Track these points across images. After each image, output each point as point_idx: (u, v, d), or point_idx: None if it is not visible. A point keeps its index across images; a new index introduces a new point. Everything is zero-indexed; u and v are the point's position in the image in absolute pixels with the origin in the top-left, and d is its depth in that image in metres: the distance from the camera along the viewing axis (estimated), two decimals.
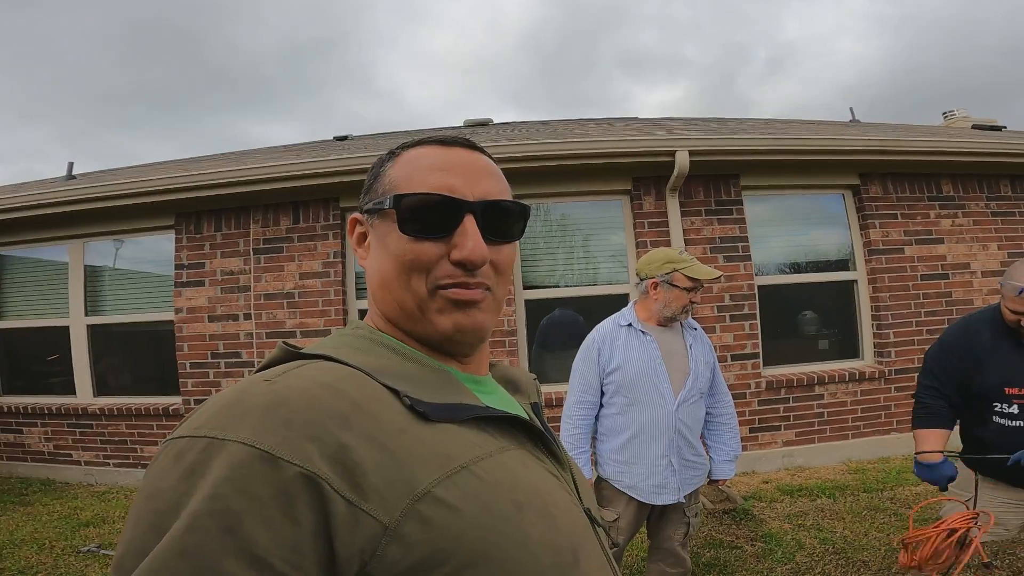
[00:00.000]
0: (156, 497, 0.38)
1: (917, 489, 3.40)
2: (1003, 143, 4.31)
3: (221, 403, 0.43)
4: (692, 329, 2.09)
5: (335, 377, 0.46)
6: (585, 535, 0.53)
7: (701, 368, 2.01)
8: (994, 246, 4.34)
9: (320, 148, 5.96)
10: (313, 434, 0.40)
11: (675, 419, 1.93)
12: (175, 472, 0.39)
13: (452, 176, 0.56)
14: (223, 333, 4.14)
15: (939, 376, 1.95)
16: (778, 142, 4.01)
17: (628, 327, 2.01)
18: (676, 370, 1.97)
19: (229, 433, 0.39)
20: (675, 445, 1.93)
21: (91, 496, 4.01)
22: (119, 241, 4.57)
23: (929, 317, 4.20)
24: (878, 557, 2.62)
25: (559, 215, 4.31)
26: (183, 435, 0.41)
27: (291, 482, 0.37)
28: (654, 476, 1.93)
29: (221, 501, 0.36)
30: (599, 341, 2.02)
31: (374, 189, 0.60)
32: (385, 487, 0.40)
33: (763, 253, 4.29)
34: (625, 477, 1.96)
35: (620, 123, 6.59)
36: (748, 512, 3.23)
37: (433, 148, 0.59)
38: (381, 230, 0.58)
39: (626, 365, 1.95)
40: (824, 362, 4.27)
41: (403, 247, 0.55)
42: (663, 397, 1.92)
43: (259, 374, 0.48)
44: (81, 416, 4.33)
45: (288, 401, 0.41)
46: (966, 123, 8.03)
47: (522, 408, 0.65)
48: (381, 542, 0.39)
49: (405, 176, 0.58)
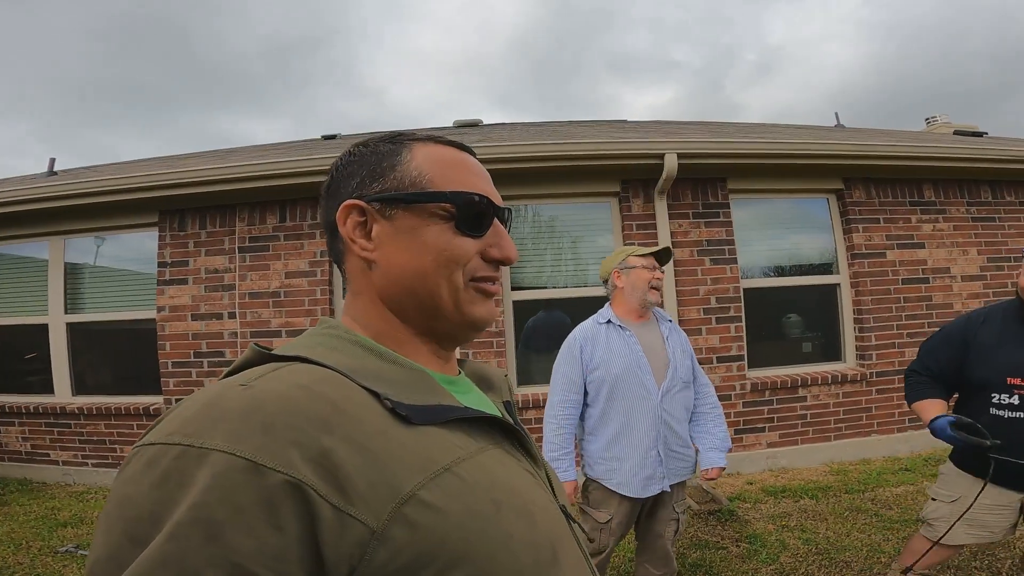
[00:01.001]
0: (128, 505, 0.38)
1: (897, 490, 3.45)
2: (983, 149, 4.38)
3: (194, 408, 0.41)
4: (667, 321, 2.16)
5: (312, 379, 0.45)
6: (562, 532, 0.54)
7: (679, 357, 2.06)
8: (974, 251, 4.42)
9: (309, 147, 5.91)
10: (294, 439, 0.39)
11: (660, 410, 1.97)
12: (148, 480, 0.38)
13: (482, 180, 0.61)
14: (206, 332, 4.08)
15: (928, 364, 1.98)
16: (765, 146, 4.05)
17: (608, 324, 2.05)
18: (657, 362, 2.02)
19: (205, 440, 0.38)
20: (661, 436, 1.97)
21: (69, 496, 3.94)
22: (100, 238, 4.50)
23: (910, 321, 4.27)
24: (860, 557, 2.65)
25: (548, 216, 4.31)
26: (155, 441, 0.40)
27: (275, 489, 0.37)
28: (643, 469, 1.95)
29: (203, 510, 0.35)
30: (581, 340, 2.05)
31: (390, 177, 0.58)
32: (370, 491, 0.40)
33: (749, 256, 4.32)
34: (615, 475, 1.97)
35: (609, 125, 6.62)
36: (733, 513, 3.26)
37: (451, 150, 0.62)
38: (408, 222, 0.57)
39: (610, 362, 1.98)
40: (807, 364, 4.32)
41: (450, 242, 0.57)
42: (647, 390, 1.96)
43: (232, 378, 0.46)
44: (59, 415, 4.25)
45: (265, 406, 0.40)
46: (948, 129, 8.18)
47: (496, 406, 0.66)
48: (369, 547, 0.38)
49: (440, 173, 0.58)
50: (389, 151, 0.60)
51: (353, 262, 0.59)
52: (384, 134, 0.63)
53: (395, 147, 0.60)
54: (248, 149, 6.74)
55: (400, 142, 0.61)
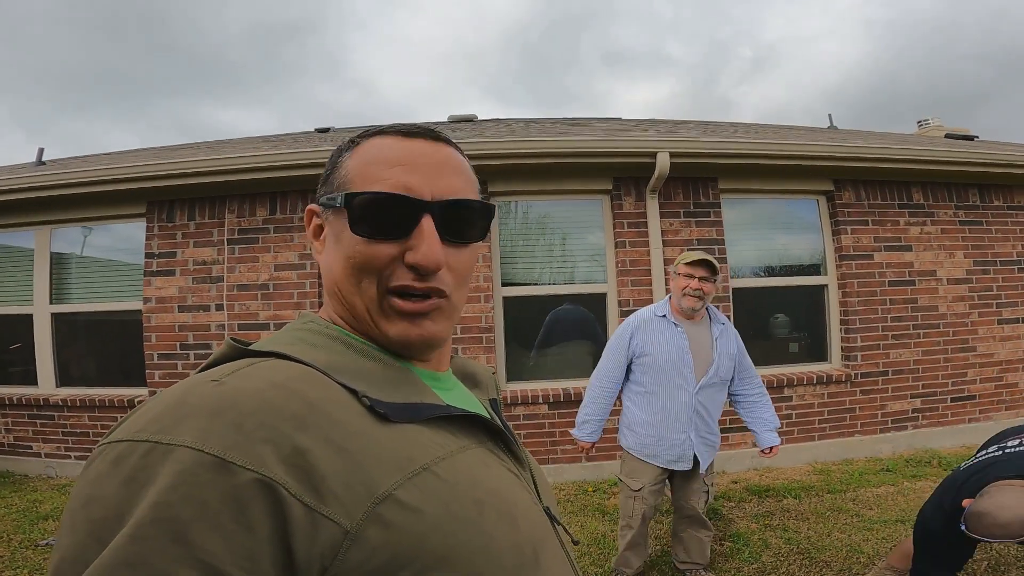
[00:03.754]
0: (93, 504, 0.37)
1: (878, 491, 3.49)
2: (973, 152, 4.42)
3: (163, 405, 0.40)
4: (720, 324, 2.39)
5: (288, 376, 0.44)
6: (545, 534, 0.53)
7: (724, 359, 2.33)
8: (960, 254, 4.46)
9: (301, 139, 5.88)
10: (267, 437, 0.38)
11: (695, 401, 2.25)
12: (114, 478, 0.37)
13: (410, 172, 0.53)
14: (193, 324, 4.05)
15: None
16: (756, 146, 4.06)
17: (663, 318, 2.33)
18: (700, 359, 2.28)
19: (174, 437, 0.37)
20: (693, 423, 2.26)
21: (51, 489, 3.91)
22: (88, 228, 4.45)
23: (895, 323, 4.31)
24: (839, 557, 2.68)
25: (540, 213, 4.31)
26: (121, 439, 0.39)
27: (244, 488, 0.36)
28: (674, 448, 2.26)
29: (167, 509, 0.34)
30: (633, 326, 2.36)
31: (330, 181, 0.57)
32: (344, 490, 0.39)
33: (738, 256, 4.34)
34: (648, 448, 2.30)
35: (603, 123, 6.62)
36: (717, 512, 3.28)
37: (394, 139, 0.56)
38: (336, 226, 0.55)
39: (657, 351, 2.28)
40: (793, 364, 4.35)
41: (354, 248, 0.53)
42: (686, 381, 2.25)
43: (205, 373, 0.45)
44: (42, 407, 4.21)
45: (238, 403, 0.40)
46: (940, 132, 8.25)
47: (481, 404, 0.65)
48: (342, 547, 0.38)
49: (360, 171, 0.54)
50: (339, 151, 0.58)
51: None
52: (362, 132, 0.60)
53: (349, 147, 0.58)
54: (240, 141, 6.69)
55: (356, 141, 0.58)
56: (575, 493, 3.67)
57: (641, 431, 2.31)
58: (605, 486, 3.74)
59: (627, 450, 2.37)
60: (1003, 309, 4.49)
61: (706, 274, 2.26)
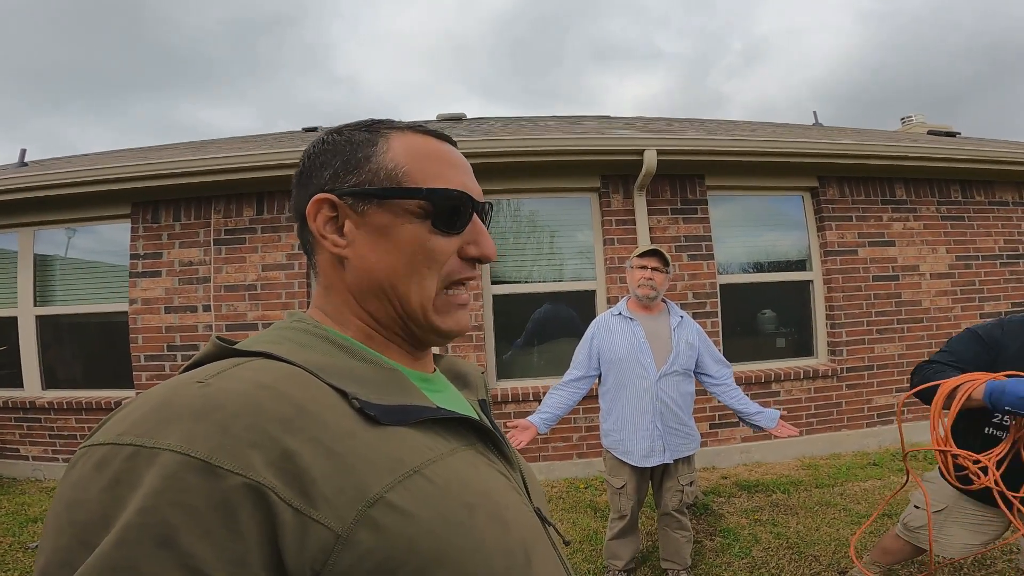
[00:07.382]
0: (77, 507, 0.36)
1: (865, 485, 3.54)
2: (954, 149, 4.47)
3: (146, 406, 0.39)
4: (678, 316, 2.46)
5: (276, 377, 0.43)
6: (536, 536, 0.53)
7: (683, 348, 2.38)
8: (943, 249, 4.53)
9: (288, 139, 5.84)
10: (254, 440, 0.38)
11: (657, 388, 2.31)
12: (98, 482, 0.36)
13: (463, 173, 0.58)
14: (180, 325, 4.02)
15: (957, 352, 1.85)
16: (742, 144, 4.09)
17: (619, 315, 2.42)
18: (659, 348, 2.36)
19: (158, 440, 0.36)
20: (658, 411, 2.31)
21: (39, 492, 3.87)
22: (72, 230, 4.39)
23: (879, 317, 4.36)
24: (828, 551, 2.71)
25: (528, 211, 4.32)
26: (104, 442, 0.38)
27: (232, 492, 0.35)
28: (643, 441, 2.31)
29: (153, 514, 0.34)
30: (594, 329, 2.46)
31: (362, 169, 0.54)
32: (334, 494, 0.39)
33: (725, 252, 4.38)
34: (621, 445, 2.36)
35: (591, 121, 6.64)
36: (707, 507, 3.31)
37: (431, 140, 0.58)
38: (382, 219, 0.54)
39: (616, 345, 2.36)
40: (780, 360, 4.40)
41: (425, 242, 0.54)
42: (646, 370, 2.32)
43: (189, 374, 0.44)
44: (29, 410, 4.16)
45: (224, 405, 0.39)
46: (923, 129, 8.34)
47: (471, 405, 0.64)
48: (333, 551, 0.37)
49: (419, 166, 0.55)
50: (364, 140, 0.56)
51: (324, 256, 0.57)
52: (361, 121, 0.59)
53: (371, 136, 0.56)
54: (226, 140, 6.63)
55: (377, 131, 0.57)
56: (566, 490, 3.69)
57: (612, 427, 2.39)
58: (596, 483, 3.77)
59: (606, 450, 2.46)
60: (985, 303, 4.56)
61: (658, 264, 2.36)
